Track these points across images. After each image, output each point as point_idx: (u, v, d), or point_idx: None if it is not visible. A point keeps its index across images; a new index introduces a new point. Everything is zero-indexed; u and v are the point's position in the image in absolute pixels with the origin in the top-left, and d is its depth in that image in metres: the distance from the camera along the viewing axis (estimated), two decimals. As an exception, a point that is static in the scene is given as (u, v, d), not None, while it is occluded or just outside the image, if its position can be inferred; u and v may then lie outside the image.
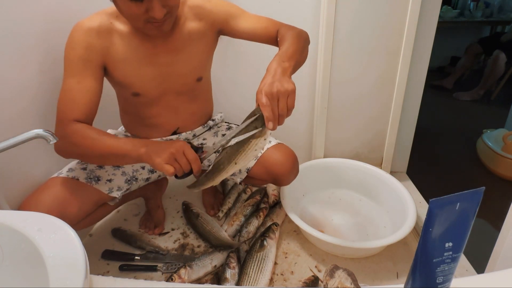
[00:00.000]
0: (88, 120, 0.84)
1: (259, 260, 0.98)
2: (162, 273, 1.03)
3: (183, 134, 1.06)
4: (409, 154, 1.52)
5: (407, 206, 1.10)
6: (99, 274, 0.84)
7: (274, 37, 0.91)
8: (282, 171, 1.00)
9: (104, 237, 1.18)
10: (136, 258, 1.07)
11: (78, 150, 0.82)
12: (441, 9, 1.61)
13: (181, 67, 0.93)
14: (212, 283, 0.97)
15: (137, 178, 1.04)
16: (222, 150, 0.75)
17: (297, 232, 1.19)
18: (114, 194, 0.97)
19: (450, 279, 0.49)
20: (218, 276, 0.99)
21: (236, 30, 0.94)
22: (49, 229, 0.50)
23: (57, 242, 0.48)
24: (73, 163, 0.96)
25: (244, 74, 1.34)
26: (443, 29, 2.54)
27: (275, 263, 1.04)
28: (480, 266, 1.04)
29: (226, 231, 1.15)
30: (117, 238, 1.17)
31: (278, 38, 0.88)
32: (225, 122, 1.20)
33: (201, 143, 1.10)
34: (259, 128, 0.69)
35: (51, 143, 0.64)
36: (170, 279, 0.95)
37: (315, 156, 1.46)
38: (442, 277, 0.47)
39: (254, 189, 1.34)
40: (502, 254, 0.78)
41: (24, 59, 0.89)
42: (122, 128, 1.11)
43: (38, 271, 0.45)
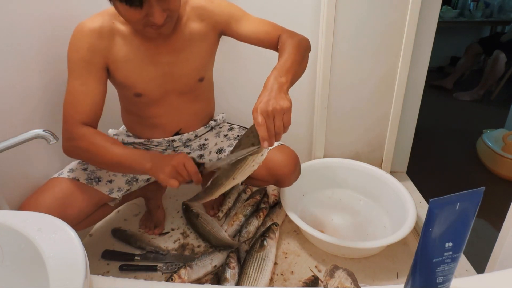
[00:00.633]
0: (93, 121, 0.85)
1: (259, 260, 0.98)
2: (162, 273, 1.03)
3: (185, 134, 1.06)
4: (409, 154, 1.52)
5: (407, 206, 1.10)
6: (99, 274, 0.84)
7: (275, 42, 0.91)
8: (284, 173, 1.00)
9: (104, 237, 1.18)
10: (136, 258, 1.07)
11: (84, 154, 0.84)
12: (441, 9, 1.61)
13: (182, 67, 0.93)
14: (212, 283, 0.97)
15: (137, 179, 1.04)
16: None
17: (297, 232, 1.19)
18: (114, 195, 0.97)
19: (450, 279, 0.49)
20: (218, 276, 0.99)
21: (237, 33, 0.94)
22: (49, 229, 0.50)
23: (57, 242, 0.48)
24: (74, 163, 0.96)
25: (245, 74, 1.34)
26: (443, 29, 2.54)
27: (275, 263, 1.04)
28: (480, 266, 1.04)
29: (226, 231, 1.15)
30: (117, 238, 1.17)
31: (279, 46, 0.88)
32: (227, 122, 1.20)
33: (201, 160, 1.11)
34: (256, 145, 0.71)
35: (51, 143, 0.64)
36: (170, 279, 0.95)
37: (315, 156, 1.46)
38: (442, 277, 0.47)
39: (254, 189, 1.34)
40: (502, 254, 0.78)
41: (27, 63, 0.89)
42: (123, 127, 1.11)
43: (38, 271, 0.45)
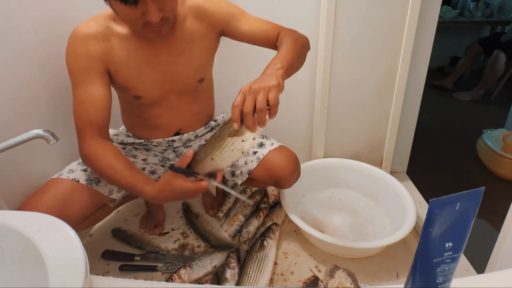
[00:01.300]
0: (103, 127, 0.85)
1: (259, 260, 0.98)
2: (162, 273, 1.03)
3: (185, 135, 1.06)
4: (409, 154, 1.52)
5: (407, 206, 1.10)
6: (99, 274, 0.84)
7: (274, 41, 0.91)
8: (284, 174, 1.00)
9: (104, 237, 1.18)
10: (136, 258, 1.07)
11: (95, 170, 0.84)
12: (441, 9, 1.61)
13: (182, 68, 0.93)
14: (212, 283, 0.97)
15: (137, 179, 1.03)
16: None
17: (297, 232, 1.19)
18: (114, 196, 0.97)
19: (450, 279, 0.49)
20: (218, 276, 0.99)
21: (237, 32, 0.94)
22: (49, 229, 0.50)
23: (57, 242, 0.48)
24: (73, 164, 0.96)
25: (246, 74, 1.33)
26: (443, 29, 2.54)
27: (275, 263, 1.04)
28: (480, 266, 1.04)
29: (226, 231, 1.15)
30: (117, 238, 1.17)
31: (277, 43, 0.87)
32: None
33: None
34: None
35: (51, 143, 0.64)
36: (170, 279, 0.95)
37: (315, 156, 1.46)
38: (442, 277, 0.47)
39: (254, 189, 1.34)
40: (502, 254, 0.78)
41: (27, 62, 0.89)
42: (123, 127, 1.11)
43: (38, 271, 0.45)
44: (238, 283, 0.94)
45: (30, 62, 0.90)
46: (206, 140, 1.11)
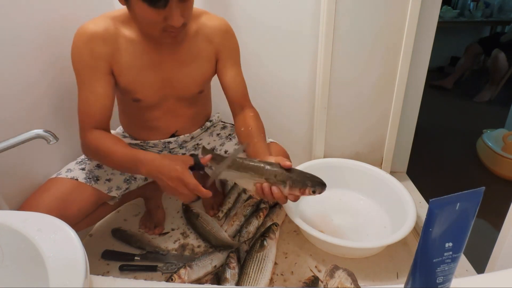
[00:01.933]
0: (105, 123, 0.87)
1: (259, 260, 0.98)
2: (162, 273, 1.03)
3: (181, 136, 1.06)
4: (409, 154, 1.52)
5: (407, 206, 1.10)
6: (99, 274, 0.84)
7: (237, 104, 0.99)
8: None
9: (104, 237, 1.18)
10: (136, 258, 1.07)
11: (97, 157, 0.87)
12: (441, 9, 1.61)
13: (183, 79, 0.94)
14: (212, 283, 0.97)
15: (135, 178, 1.04)
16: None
17: (297, 232, 1.19)
18: (113, 193, 0.97)
19: (450, 279, 0.49)
20: (218, 276, 0.99)
21: (221, 73, 0.98)
22: (49, 229, 0.50)
23: (57, 242, 0.48)
24: (71, 164, 0.96)
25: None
26: (443, 29, 2.54)
27: (275, 263, 1.04)
28: (480, 266, 1.04)
29: (226, 231, 1.15)
30: (117, 238, 1.16)
31: (243, 128, 0.95)
32: (221, 121, 1.20)
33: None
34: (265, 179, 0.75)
35: (51, 144, 0.64)
36: (170, 279, 0.95)
37: (315, 156, 1.46)
38: (442, 277, 0.47)
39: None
40: (502, 254, 0.78)
41: (27, 62, 0.89)
42: (120, 128, 1.11)
43: (38, 271, 0.45)
44: (238, 283, 0.93)
45: (31, 61, 0.90)
46: (209, 142, 1.13)
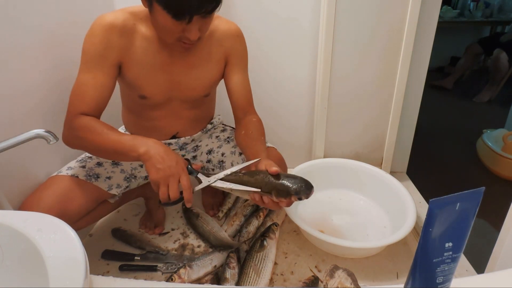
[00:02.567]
0: (96, 114, 0.84)
1: (259, 260, 0.98)
2: (162, 273, 1.03)
3: (182, 138, 1.07)
4: (409, 154, 1.52)
5: (407, 206, 1.10)
6: (99, 274, 0.84)
7: (241, 109, 0.98)
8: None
9: (104, 237, 1.18)
10: (136, 258, 1.07)
11: (83, 142, 0.82)
12: (441, 9, 1.61)
13: (192, 81, 0.95)
14: (212, 283, 0.97)
15: (135, 176, 1.04)
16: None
17: (297, 232, 1.19)
18: (113, 191, 0.97)
19: (450, 279, 0.49)
20: (218, 276, 0.99)
21: (228, 77, 0.98)
22: (49, 229, 0.50)
23: (57, 242, 0.48)
24: (72, 162, 0.97)
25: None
26: (443, 29, 2.54)
27: (275, 263, 1.04)
28: (480, 266, 1.04)
29: (226, 231, 1.15)
30: (117, 238, 1.16)
31: (243, 131, 0.94)
32: (222, 124, 1.20)
33: (193, 161, 1.10)
34: (261, 191, 0.77)
35: (51, 143, 0.64)
36: (170, 279, 0.95)
37: (315, 156, 1.46)
38: (442, 277, 0.47)
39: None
40: (502, 254, 0.78)
41: (28, 62, 0.89)
42: (122, 127, 1.11)
43: (38, 271, 0.45)
44: (238, 283, 0.93)
45: (32, 62, 0.90)
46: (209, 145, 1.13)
